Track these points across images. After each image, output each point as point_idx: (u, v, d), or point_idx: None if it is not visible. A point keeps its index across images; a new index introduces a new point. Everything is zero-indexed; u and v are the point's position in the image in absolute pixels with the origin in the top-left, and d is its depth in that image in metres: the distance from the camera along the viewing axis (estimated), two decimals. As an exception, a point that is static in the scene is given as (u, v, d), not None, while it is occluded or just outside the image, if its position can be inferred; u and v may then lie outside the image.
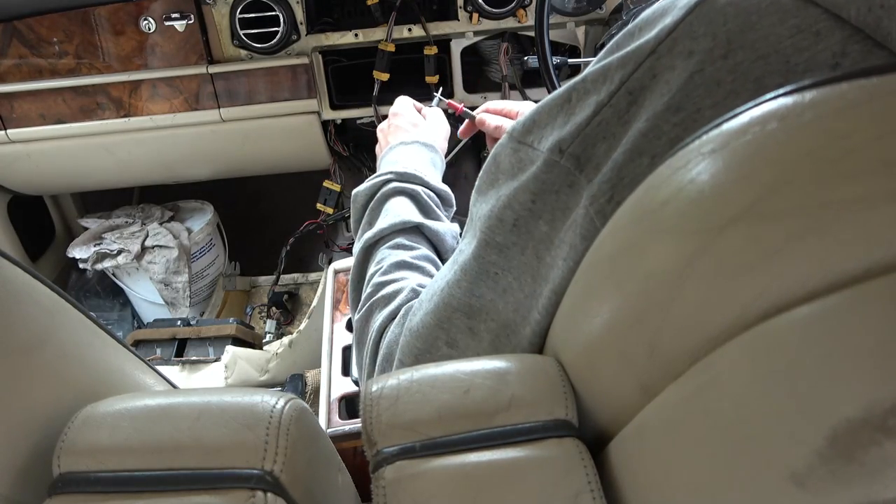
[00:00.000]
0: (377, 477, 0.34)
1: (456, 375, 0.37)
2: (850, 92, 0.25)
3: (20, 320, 0.38)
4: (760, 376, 0.24)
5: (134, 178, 1.60)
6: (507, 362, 0.38)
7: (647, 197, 0.31)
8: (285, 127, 1.38)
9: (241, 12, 1.24)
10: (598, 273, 0.35)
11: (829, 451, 0.22)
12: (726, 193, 0.26)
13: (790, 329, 0.24)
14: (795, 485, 0.23)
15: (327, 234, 1.64)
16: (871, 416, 0.21)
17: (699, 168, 0.28)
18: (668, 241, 0.29)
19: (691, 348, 0.27)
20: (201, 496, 0.33)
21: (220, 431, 0.35)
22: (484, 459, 0.34)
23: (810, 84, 0.26)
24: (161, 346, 1.31)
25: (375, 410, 0.36)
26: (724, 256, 0.26)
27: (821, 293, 0.23)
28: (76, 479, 0.34)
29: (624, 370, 0.32)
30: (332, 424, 0.93)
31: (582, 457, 0.34)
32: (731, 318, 0.25)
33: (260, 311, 1.67)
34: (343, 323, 1.06)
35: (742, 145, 0.27)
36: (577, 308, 0.37)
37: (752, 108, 0.27)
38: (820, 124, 0.25)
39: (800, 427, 0.23)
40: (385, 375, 0.38)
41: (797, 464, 0.23)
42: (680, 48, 0.35)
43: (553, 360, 0.38)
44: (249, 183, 1.72)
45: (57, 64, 1.28)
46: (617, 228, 0.33)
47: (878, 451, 0.21)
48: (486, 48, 1.38)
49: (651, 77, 0.36)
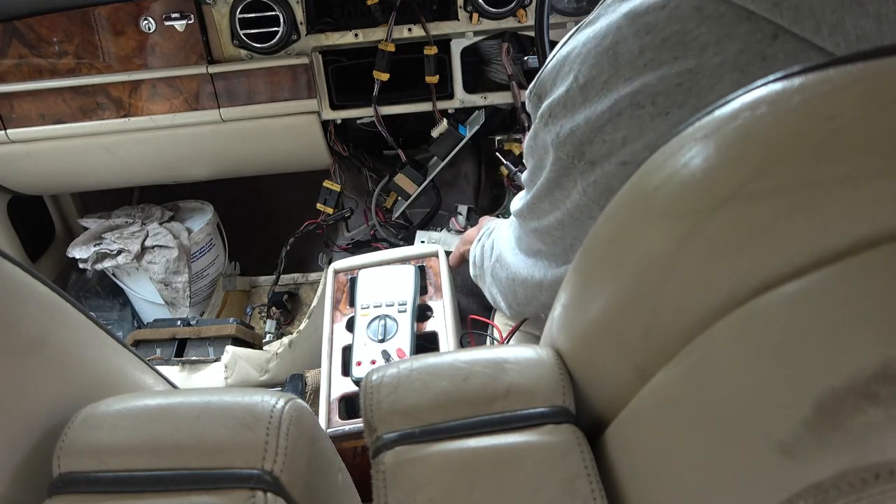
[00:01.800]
0: (377, 462, 0.34)
1: (455, 364, 0.38)
2: (836, 76, 0.26)
3: (20, 320, 0.38)
4: (750, 352, 0.25)
5: (134, 178, 1.60)
6: (506, 352, 0.39)
7: (642, 182, 0.32)
8: (285, 127, 1.38)
9: (241, 12, 1.24)
10: (594, 260, 0.35)
11: (815, 420, 0.22)
12: (717, 176, 0.27)
13: (779, 305, 0.24)
14: (783, 454, 0.23)
15: (327, 234, 1.64)
16: (855, 383, 0.22)
17: (692, 153, 0.29)
18: (662, 224, 0.29)
19: (684, 329, 0.27)
20: (201, 496, 0.33)
21: (220, 431, 0.35)
22: (482, 445, 0.34)
23: (799, 70, 0.27)
24: (161, 346, 1.31)
25: (376, 397, 0.37)
26: (715, 237, 0.27)
27: (808, 269, 0.24)
28: (76, 479, 0.34)
29: (620, 354, 0.32)
30: (332, 424, 0.93)
31: (579, 442, 0.34)
32: (722, 296, 0.26)
33: (260, 311, 1.67)
34: (343, 323, 1.06)
35: (733, 129, 0.28)
36: (574, 296, 0.37)
37: (742, 95, 0.28)
38: (808, 107, 0.26)
39: (787, 398, 0.23)
40: (385, 365, 0.39)
41: (785, 433, 0.23)
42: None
43: (551, 349, 0.39)
44: (249, 183, 1.72)
45: (57, 64, 1.28)
46: (612, 215, 0.34)
47: (862, 418, 0.22)
48: (487, 48, 1.38)
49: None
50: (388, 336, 0.98)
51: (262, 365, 1.26)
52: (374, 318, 1.01)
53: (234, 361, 1.21)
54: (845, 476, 0.22)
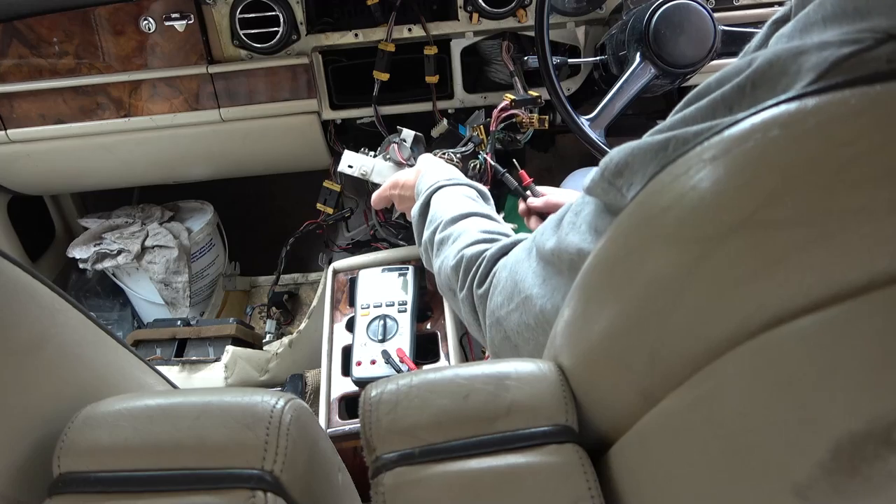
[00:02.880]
0: (376, 483, 0.34)
1: (455, 380, 0.37)
2: (852, 98, 0.25)
3: (20, 320, 0.38)
4: (763, 387, 0.24)
5: (134, 178, 1.60)
6: (507, 367, 0.38)
7: (648, 203, 0.31)
8: (285, 127, 1.38)
9: (241, 12, 1.24)
10: (598, 279, 0.34)
11: (832, 464, 0.22)
12: (728, 201, 0.26)
13: (793, 340, 0.23)
14: (798, 497, 0.23)
15: (327, 234, 1.64)
16: (875, 429, 0.21)
17: (700, 175, 0.28)
18: (669, 248, 0.28)
19: (693, 357, 0.27)
20: (201, 496, 0.33)
21: (220, 431, 0.35)
22: (483, 466, 0.33)
23: (813, 91, 0.26)
24: (161, 346, 1.31)
25: (375, 415, 0.36)
26: (725, 265, 0.26)
27: (824, 304, 0.23)
28: (76, 479, 0.34)
29: (624, 377, 0.31)
30: (332, 424, 0.93)
31: (582, 462, 0.33)
32: (732, 327, 0.25)
33: (260, 311, 1.67)
34: (343, 323, 1.06)
35: (744, 152, 0.26)
36: (577, 313, 0.36)
37: (753, 115, 0.27)
38: (822, 131, 0.25)
39: (802, 439, 0.22)
40: (384, 380, 0.38)
41: (800, 476, 0.22)
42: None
43: (553, 366, 0.38)
44: (249, 183, 1.72)
45: (57, 64, 1.28)
46: (617, 235, 0.33)
47: (882, 466, 0.21)
48: (487, 48, 1.38)
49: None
50: (388, 336, 0.98)
51: (262, 365, 1.26)
52: (374, 318, 1.01)
53: (234, 361, 1.21)
54: None
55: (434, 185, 0.79)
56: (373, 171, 1.16)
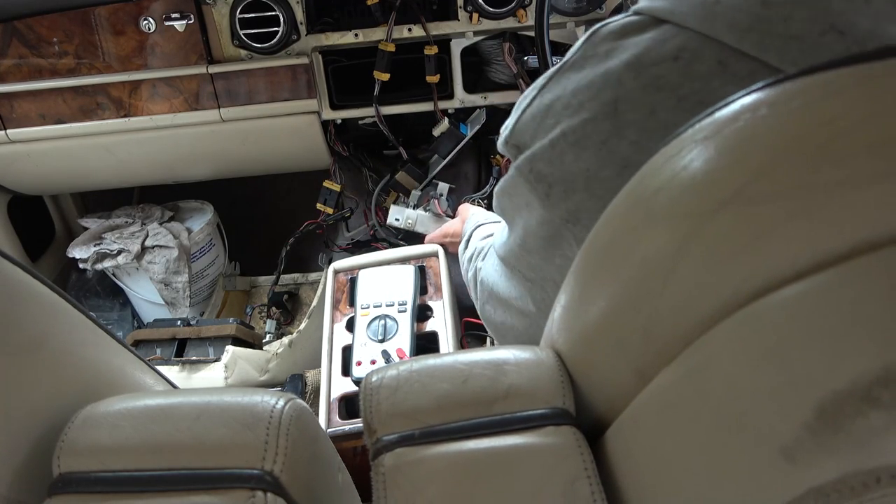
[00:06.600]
0: (377, 464, 0.34)
1: (455, 366, 0.38)
2: (836, 79, 0.26)
3: (20, 320, 0.38)
4: (750, 355, 0.25)
5: (134, 178, 1.60)
6: (506, 353, 0.38)
7: (641, 185, 0.32)
8: (285, 127, 1.38)
9: (241, 12, 1.24)
10: (593, 262, 0.35)
11: (816, 424, 0.22)
12: (717, 178, 0.27)
13: (779, 308, 0.24)
14: (785, 458, 0.23)
15: (327, 234, 1.64)
16: (856, 387, 0.22)
17: (692, 155, 0.29)
18: (662, 226, 0.29)
19: (684, 331, 0.27)
20: (201, 496, 0.33)
21: (220, 431, 0.35)
22: (482, 446, 0.34)
23: (799, 73, 0.27)
24: (161, 346, 1.31)
25: (375, 399, 0.36)
26: (715, 239, 0.27)
27: (809, 272, 0.24)
28: (76, 479, 0.34)
29: (620, 356, 0.32)
30: (332, 424, 0.93)
31: (579, 444, 0.34)
32: (722, 299, 0.26)
33: (260, 311, 1.67)
34: (343, 323, 1.06)
35: (733, 132, 0.27)
36: (574, 298, 0.37)
37: (743, 97, 0.28)
38: (807, 109, 0.26)
39: (788, 401, 0.23)
40: (385, 367, 0.39)
41: (786, 438, 0.23)
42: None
43: (551, 351, 0.38)
44: (249, 183, 1.72)
45: (57, 64, 1.28)
46: (612, 217, 0.34)
47: (863, 422, 0.22)
48: (487, 48, 1.38)
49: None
50: (388, 336, 0.98)
51: (262, 365, 1.26)
52: (374, 318, 1.01)
53: (234, 361, 1.21)
54: (847, 480, 0.22)
55: (474, 224, 0.93)
56: (417, 222, 1.40)
